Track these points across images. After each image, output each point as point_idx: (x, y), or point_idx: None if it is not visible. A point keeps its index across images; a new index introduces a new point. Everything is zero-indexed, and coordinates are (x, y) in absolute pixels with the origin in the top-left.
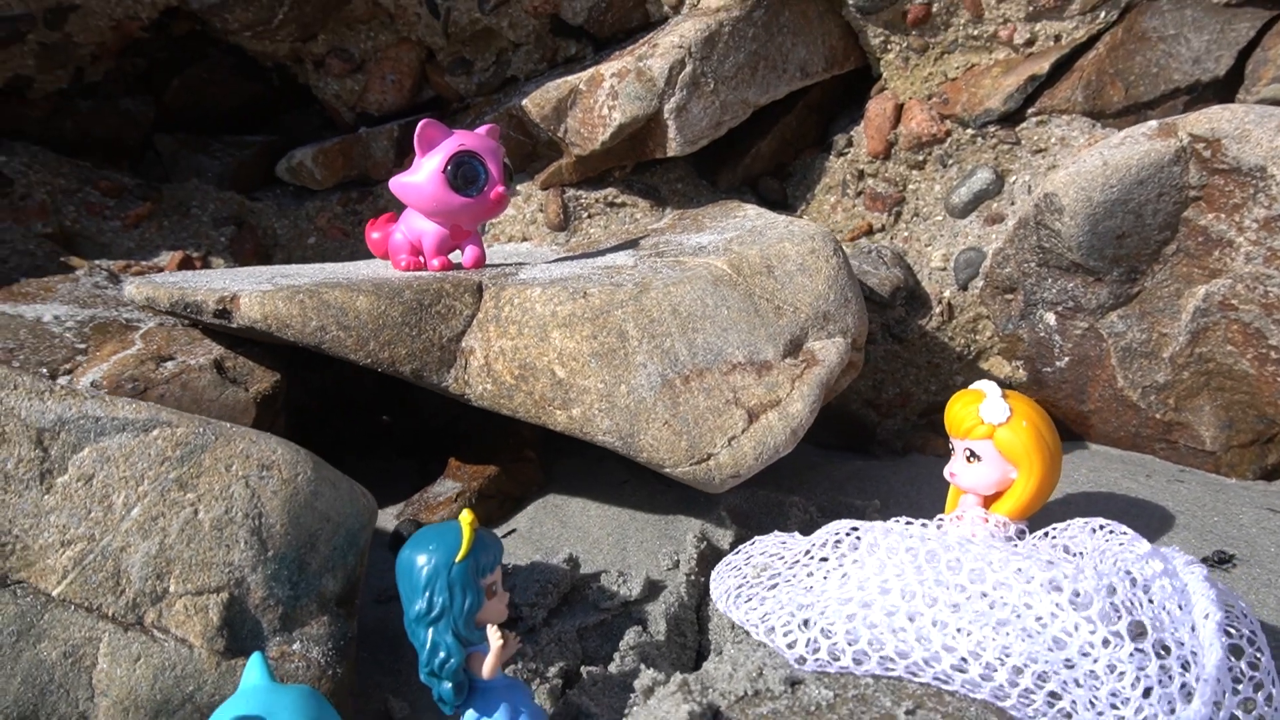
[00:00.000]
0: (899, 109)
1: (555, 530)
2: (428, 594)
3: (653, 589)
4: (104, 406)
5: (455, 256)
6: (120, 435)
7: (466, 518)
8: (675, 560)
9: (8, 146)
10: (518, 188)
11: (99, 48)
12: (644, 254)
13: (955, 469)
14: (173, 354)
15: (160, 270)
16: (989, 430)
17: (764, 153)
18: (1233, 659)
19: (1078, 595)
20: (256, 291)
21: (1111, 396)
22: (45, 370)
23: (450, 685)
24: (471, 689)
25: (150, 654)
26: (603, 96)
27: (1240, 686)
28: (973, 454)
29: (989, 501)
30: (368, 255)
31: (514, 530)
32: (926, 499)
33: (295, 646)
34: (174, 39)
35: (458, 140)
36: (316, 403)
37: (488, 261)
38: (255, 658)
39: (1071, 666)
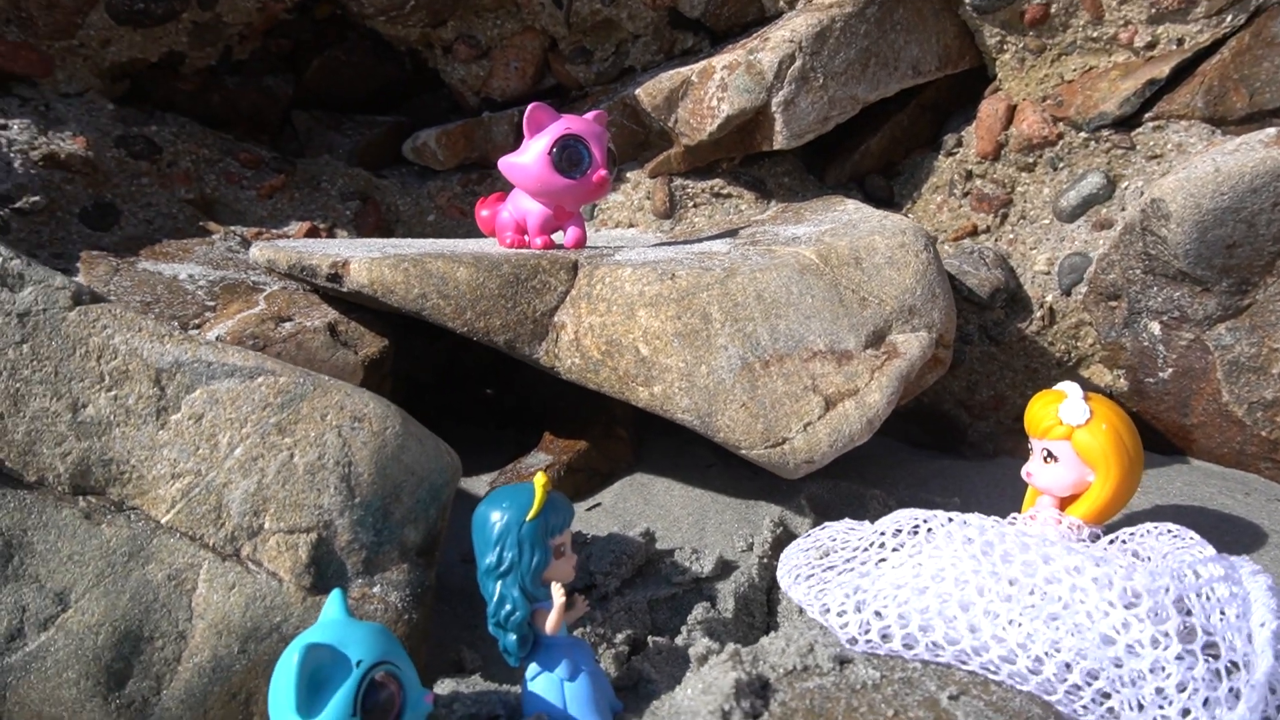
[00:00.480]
0: (1011, 110)
1: (638, 506)
2: (498, 549)
3: (725, 568)
4: (216, 353)
5: (558, 237)
6: (229, 380)
7: (540, 480)
8: (750, 543)
9: (160, 117)
10: (628, 174)
11: (246, 28)
12: (740, 242)
13: (1032, 469)
14: (291, 315)
15: (287, 238)
16: (1067, 431)
17: (873, 150)
18: None
19: (1128, 593)
20: (366, 258)
21: (1216, 411)
22: (176, 323)
23: (515, 637)
24: (536, 644)
25: (244, 584)
26: (712, 88)
27: None
28: (1050, 454)
29: (1065, 504)
30: (481, 234)
31: (599, 504)
32: (1007, 501)
33: (375, 590)
34: (316, 22)
35: (564, 124)
36: (428, 372)
37: (589, 243)
38: (335, 594)
39: (1120, 665)
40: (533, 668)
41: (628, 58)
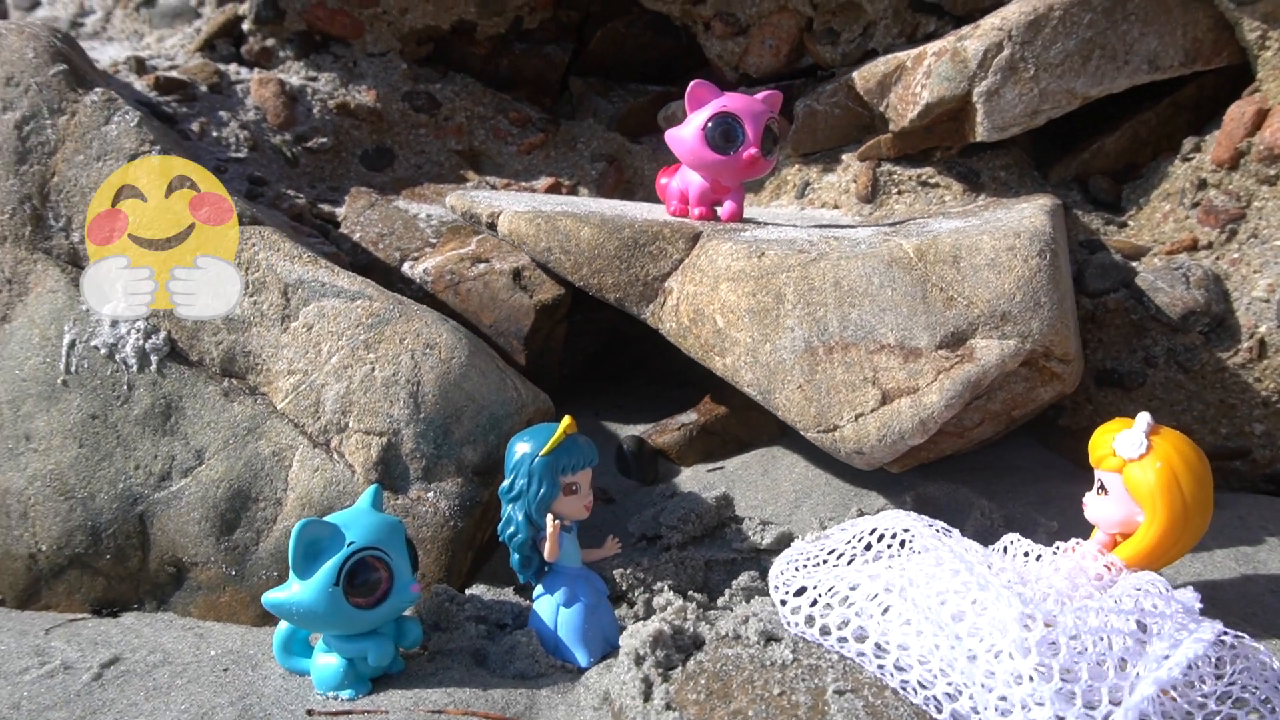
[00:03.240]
0: (1261, 115)
1: (753, 477)
2: (514, 476)
3: (786, 544)
4: (330, 275)
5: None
6: (335, 299)
7: (565, 421)
8: (824, 524)
9: (447, 76)
10: (842, 157)
11: (535, 0)
12: (880, 230)
13: (1087, 498)
14: (489, 258)
15: (533, 191)
16: (1119, 464)
17: (1109, 149)
18: None
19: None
20: (513, 211)
21: None
22: (397, 254)
23: (517, 557)
24: (549, 569)
25: (325, 469)
26: (920, 75)
27: None
28: (1103, 486)
29: (1118, 543)
30: None
31: (721, 467)
32: None
33: (430, 495)
34: None
35: (723, 101)
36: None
37: (745, 217)
38: (371, 489)
39: (1004, 701)
40: (539, 589)
41: (872, 40)
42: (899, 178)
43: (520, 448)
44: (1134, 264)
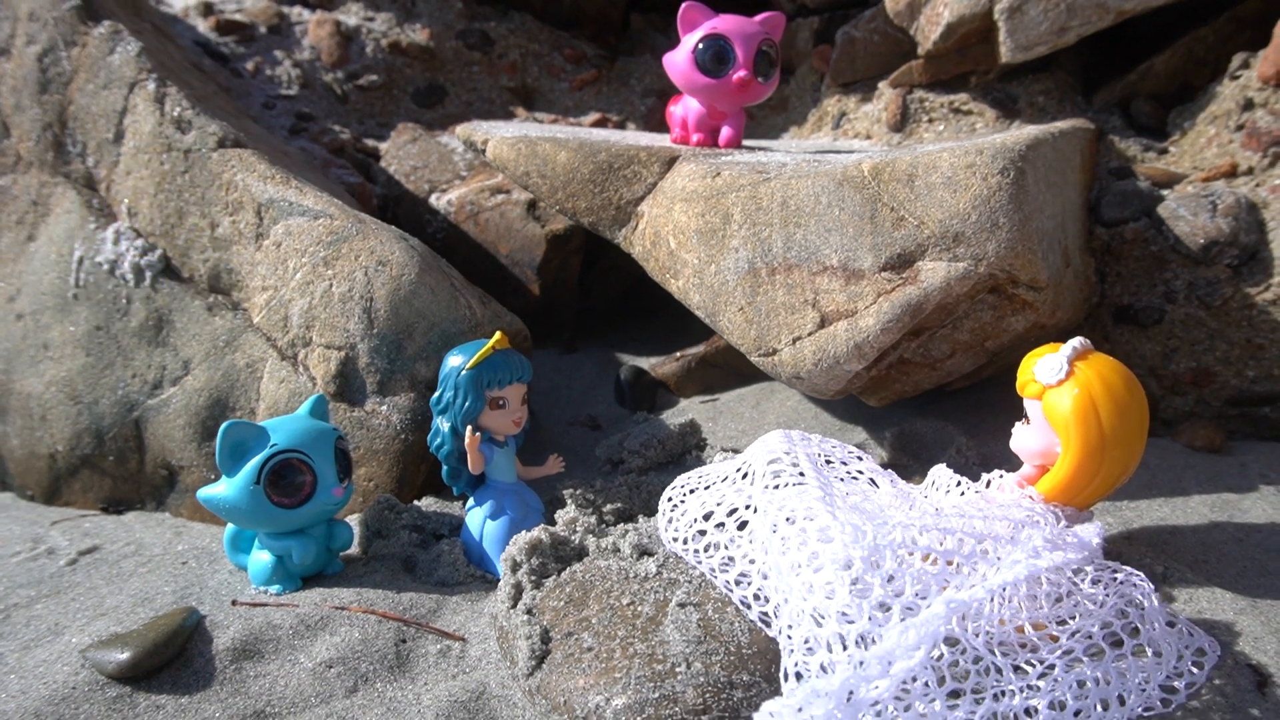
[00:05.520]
0: None
1: (743, 409)
2: (442, 389)
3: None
4: (297, 195)
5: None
6: (301, 218)
7: (495, 337)
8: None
9: (504, 14)
10: (878, 85)
11: None
12: (868, 154)
13: (1015, 427)
14: (509, 190)
15: (579, 125)
16: (1039, 390)
17: (1159, 70)
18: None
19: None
20: (499, 136)
21: None
22: (427, 185)
23: (445, 469)
24: (483, 481)
25: (290, 380)
26: None
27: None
28: (1027, 415)
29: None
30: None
31: (716, 399)
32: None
33: (383, 408)
34: None
35: (714, 23)
36: None
37: (752, 145)
38: (313, 398)
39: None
40: (470, 501)
41: None
42: (930, 105)
43: (451, 361)
44: (1164, 192)
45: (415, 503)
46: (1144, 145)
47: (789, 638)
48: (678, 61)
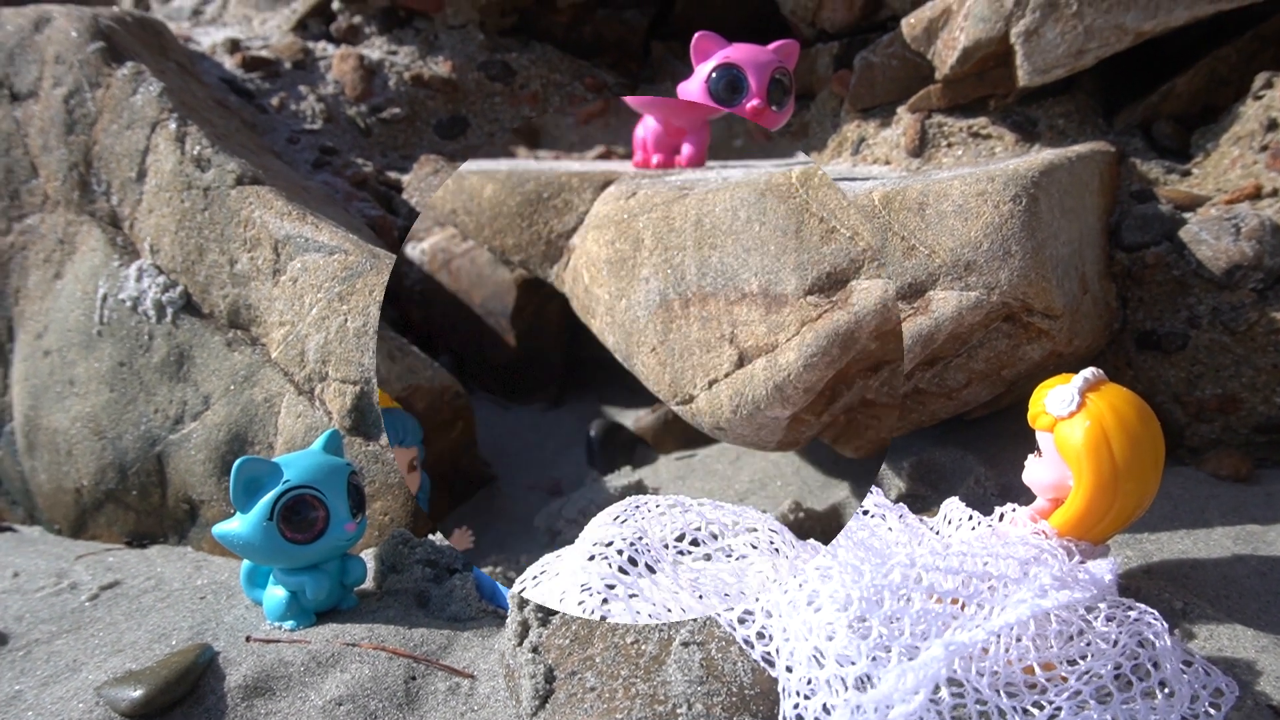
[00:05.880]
0: None
1: (719, 466)
2: None
3: None
4: (313, 231)
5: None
6: (316, 254)
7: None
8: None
9: (527, 45)
10: (896, 110)
11: None
12: (881, 180)
13: (1028, 460)
14: None
15: (581, 160)
16: (1050, 422)
17: (1181, 91)
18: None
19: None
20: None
21: None
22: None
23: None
24: None
25: (307, 415)
26: (960, 17)
27: None
28: (1040, 448)
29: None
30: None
31: (694, 454)
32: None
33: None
34: None
35: (727, 52)
36: None
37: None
38: (327, 433)
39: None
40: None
41: None
42: (949, 129)
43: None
44: (1186, 215)
45: (430, 537)
46: (1166, 167)
47: (788, 678)
48: (692, 92)
